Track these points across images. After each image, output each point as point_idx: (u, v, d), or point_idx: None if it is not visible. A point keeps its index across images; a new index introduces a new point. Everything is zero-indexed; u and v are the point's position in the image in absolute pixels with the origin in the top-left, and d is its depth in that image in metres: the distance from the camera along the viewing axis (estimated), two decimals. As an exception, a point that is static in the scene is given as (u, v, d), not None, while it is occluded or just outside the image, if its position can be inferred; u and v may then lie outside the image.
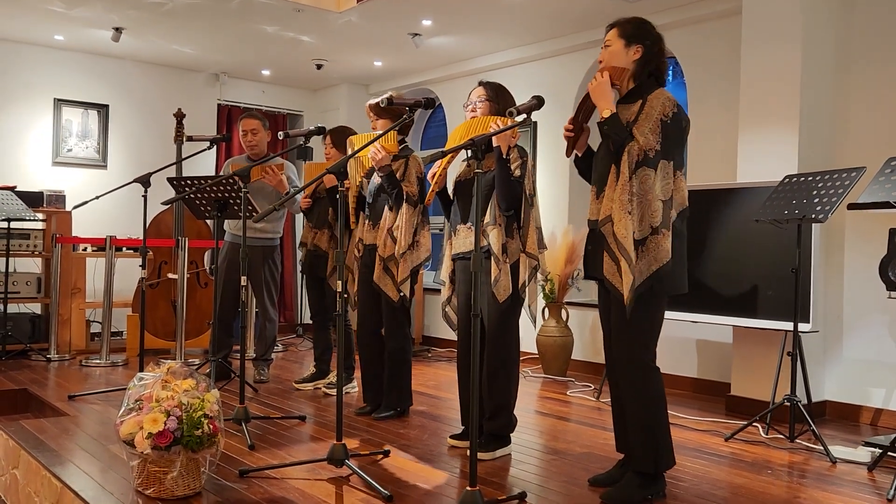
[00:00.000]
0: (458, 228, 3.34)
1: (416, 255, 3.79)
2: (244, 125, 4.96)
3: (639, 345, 2.63)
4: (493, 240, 3.15)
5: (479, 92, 3.33)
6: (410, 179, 3.83)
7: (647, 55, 2.71)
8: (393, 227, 3.79)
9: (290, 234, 7.92)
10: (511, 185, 3.13)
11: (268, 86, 7.80)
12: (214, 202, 4.17)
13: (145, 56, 6.81)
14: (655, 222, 2.58)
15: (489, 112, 3.27)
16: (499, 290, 3.15)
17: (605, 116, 2.61)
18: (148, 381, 2.69)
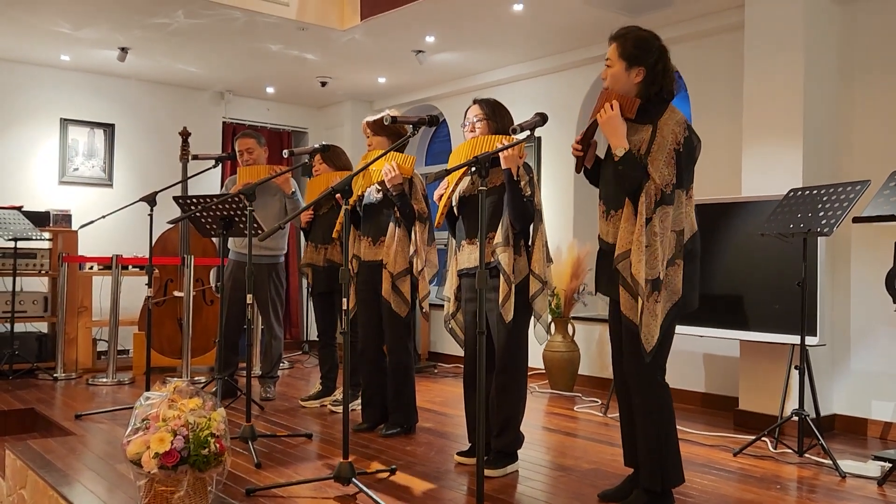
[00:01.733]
0: (463, 245, 3.35)
1: (427, 272, 3.83)
2: (239, 145, 5.00)
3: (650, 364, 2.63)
4: (505, 260, 3.16)
5: (475, 111, 3.32)
6: (418, 197, 3.86)
7: (651, 76, 2.64)
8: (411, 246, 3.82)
9: (294, 250, 7.95)
10: (524, 206, 3.15)
11: (272, 103, 7.86)
12: (220, 220, 4.19)
13: (151, 75, 6.87)
14: (670, 254, 2.59)
15: (488, 131, 3.28)
16: (506, 310, 3.15)
17: (619, 155, 2.57)
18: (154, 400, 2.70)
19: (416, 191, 3.85)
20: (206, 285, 6.03)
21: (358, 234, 4.05)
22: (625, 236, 2.60)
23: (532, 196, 3.18)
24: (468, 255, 3.32)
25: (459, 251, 3.38)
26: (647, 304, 2.53)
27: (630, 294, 2.59)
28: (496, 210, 3.21)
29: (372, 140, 3.99)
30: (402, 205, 3.76)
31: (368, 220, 4.00)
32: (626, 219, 2.60)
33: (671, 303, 2.58)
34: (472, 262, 3.29)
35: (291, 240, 7.77)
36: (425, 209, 3.82)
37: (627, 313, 2.61)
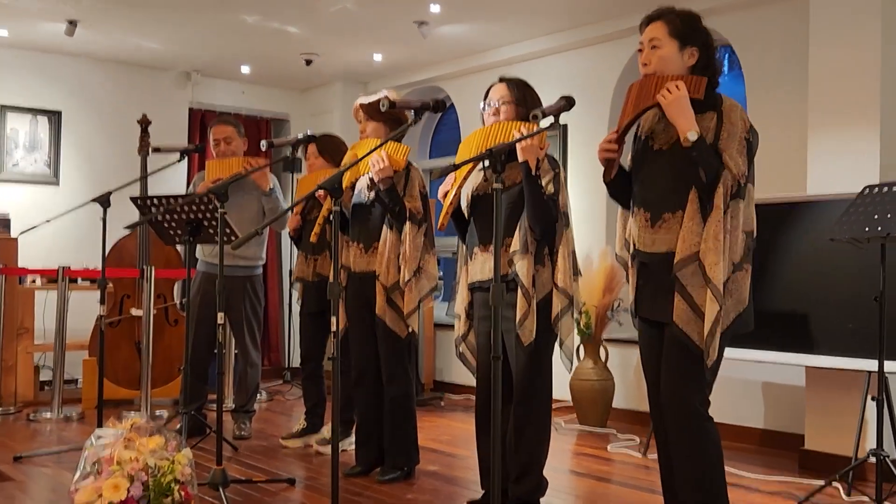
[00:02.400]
0: (476, 253, 3.36)
1: (422, 284, 3.83)
2: (215, 133, 5.04)
3: (693, 391, 2.65)
4: (522, 271, 3.17)
5: (500, 91, 3.34)
6: (413, 194, 3.87)
7: (705, 58, 2.73)
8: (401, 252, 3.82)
9: (274, 259, 7.98)
10: (545, 206, 3.16)
11: (248, 86, 7.90)
12: (186, 225, 4.21)
13: (104, 53, 6.92)
14: (737, 258, 2.64)
15: (514, 116, 3.29)
16: (524, 330, 3.16)
17: (692, 140, 2.61)
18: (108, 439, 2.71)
19: (411, 187, 3.87)
20: (170, 302, 6.05)
21: (346, 240, 4.06)
22: (689, 238, 2.64)
23: (556, 195, 3.19)
24: (481, 264, 3.33)
25: (471, 260, 3.39)
26: (723, 312, 2.59)
27: (689, 304, 2.64)
28: (514, 212, 3.21)
29: (365, 126, 4.01)
30: (389, 201, 3.80)
31: (359, 224, 4.02)
32: (690, 217, 2.65)
33: (735, 312, 2.64)
34: (486, 274, 3.29)
35: (271, 247, 7.81)
36: (420, 209, 3.84)
37: (684, 327, 2.64)
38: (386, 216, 3.89)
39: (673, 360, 2.69)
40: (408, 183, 3.88)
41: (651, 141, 2.86)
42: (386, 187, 3.78)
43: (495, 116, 3.33)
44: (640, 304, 2.83)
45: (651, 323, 2.82)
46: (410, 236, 3.79)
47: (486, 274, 3.30)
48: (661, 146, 2.80)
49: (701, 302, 2.63)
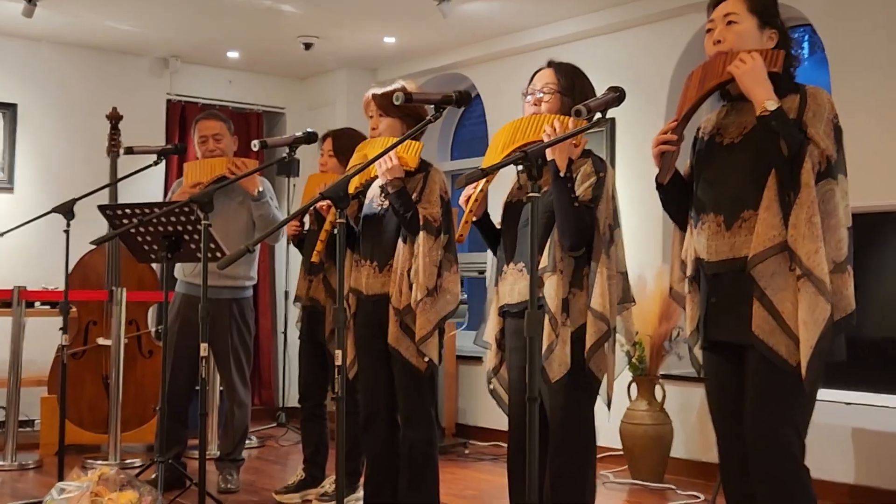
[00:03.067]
0: (506, 271, 3.37)
1: (439, 305, 3.81)
2: (202, 129, 5.08)
3: (787, 427, 2.66)
4: (550, 292, 3.17)
5: (547, 77, 3.37)
6: (431, 199, 3.88)
7: (784, 41, 2.84)
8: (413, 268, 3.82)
9: (266, 277, 8.01)
10: (574, 215, 3.15)
11: (236, 74, 7.96)
12: (163, 239, 4.25)
13: (67, 36, 6.99)
14: (839, 256, 2.69)
15: (559, 108, 3.31)
16: (552, 364, 3.15)
17: (771, 109, 2.67)
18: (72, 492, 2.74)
19: (429, 192, 3.88)
20: (143, 330, 6.09)
21: (356, 258, 4.08)
22: (765, 230, 2.69)
23: (593, 202, 3.19)
24: (511, 285, 3.33)
25: (502, 280, 3.40)
26: (826, 312, 2.61)
27: (769, 311, 2.66)
28: (551, 222, 3.23)
29: (378, 122, 4.03)
30: (400, 206, 3.80)
31: (371, 238, 4.03)
32: (766, 207, 2.71)
33: (836, 319, 2.66)
34: (516, 296, 3.31)
35: (263, 263, 7.84)
36: (438, 217, 3.84)
37: (767, 339, 2.66)
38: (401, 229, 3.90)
39: (758, 388, 2.70)
40: (425, 187, 3.90)
41: (719, 137, 2.89)
42: (396, 191, 3.80)
43: (535, 107, 3.35)
44: (710, 325, 2.84)
45: (722, 349, 2.83)
46: (425, 249, 3.80)
47: (515, 296, 3.31)
48: (732, 139, 2.85)
49: (784, 308, 2.65)
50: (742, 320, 2.72)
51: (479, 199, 3.34)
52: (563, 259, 3.20)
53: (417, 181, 3.92)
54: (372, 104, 4.06)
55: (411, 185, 3.90)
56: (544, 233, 3.23)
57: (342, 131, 4.86)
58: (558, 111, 3.30)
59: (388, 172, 3.79)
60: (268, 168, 6.85)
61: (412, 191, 3.88)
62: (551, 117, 3.24)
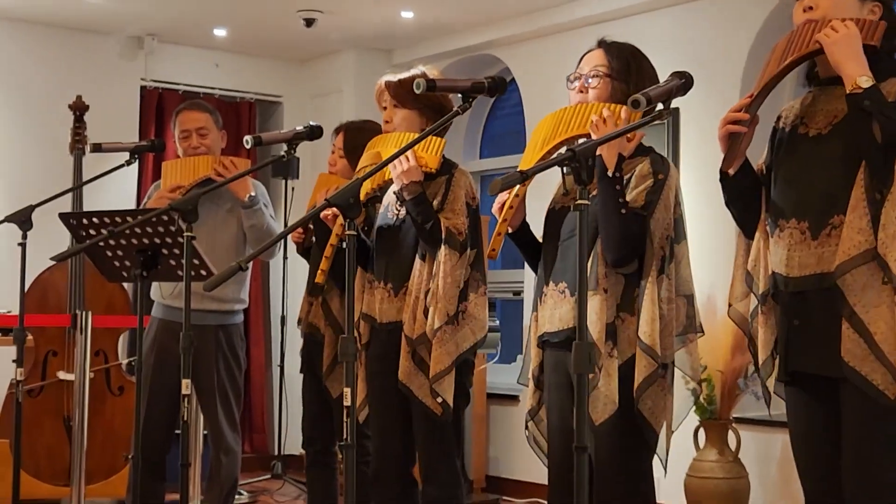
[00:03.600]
0: (546, 293, 3.35)
1: (461, 335, 3.79)
2: (184, 122, 5.07)
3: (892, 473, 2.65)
4: (591, 315, 3.13)
5: (596, 59, 3.35)
6: (455, 207, 3.86)
7: (889, 17, 2.82)
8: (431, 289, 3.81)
9: (259, 299, 8.01)
10: (620, 222, 3.13)
11: (224, 56, 7.99)
12: (137, 254, 4.24)
13: (23, 11, 7.02)
14: None
15: (609, 96, 3.30)
16: (596, 403, 3.12)
17: (864, 86, 2.65)
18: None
19: (453, 198, 3.87)
20: (113, 362, 6.09)
21: (369, 278, 4.06)
22: (852, 235, 2.68)
23: (647, 210, 3.17)
24: (551, 309, 3.32)
25: (541, 303, 3.38)
26: None
27: (860, 332, 2.64)
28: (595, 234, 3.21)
29: (393, 114, 4.02)
30: (418, 215, 3.78)
31: (386, 254, 4.02)
32: (852, 207, 2.69)
33: None
34: (559, 323, 3.28)
35: (255, 282, 7.84)
36: (463, 228, 3.82)
37: (859, 366, 2.64)
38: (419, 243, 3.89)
39: (855, 430, 2.69)
40: (449, 192, 3.88)
41: (803, 127, 2.88)
42: (412, 195, 3.78)
43: (581, 94, 3.34)
44: (792, 353, 2.83)
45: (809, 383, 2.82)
46: (447, 267, 3.77)
47: (556, 323, 3.29)
48: (819, 130, 2.84)
49: (877, 328, 2.62)
50: (833, 348, 2.70)
51: (515, 207, 3.32)
52: (607, 276, 3.18)
53: (439, 185, 3.91)
54: (385, 93, 4.05)
55: (432, 190, 3.88)
56: (592, 246, 3.21)
57: (357, 125, 4.82)
58: (608, 99, 3.28)
59: (405, 175, 3.77)
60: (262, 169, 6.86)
61: (433, 197, 3.87)
62: (600, 105, 3.22)
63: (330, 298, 4.64)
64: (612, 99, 3.27)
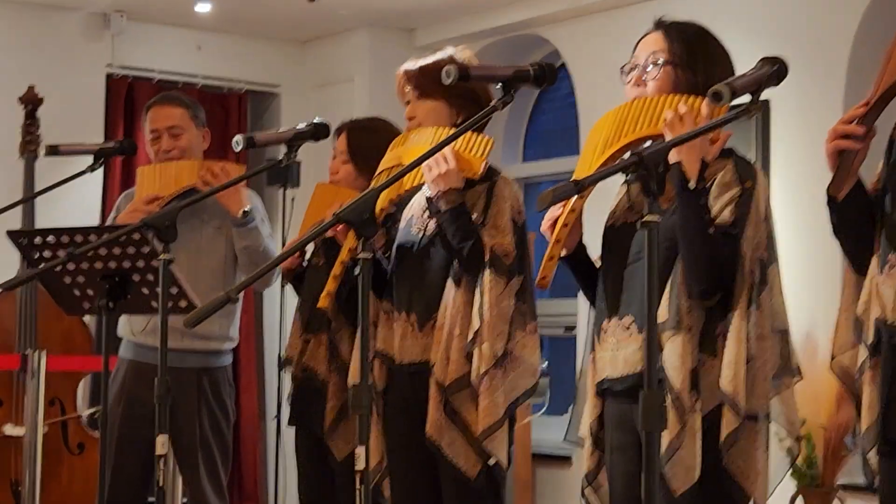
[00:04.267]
0: (606, 328, 3.36)
1: (511, 381, 3.81)
2: (153, 119, 5.10)
3: None
4: (673, 360, 3.14)
5: (653, 43, 3.36)
6: (499, 223, 3.87)
7: None
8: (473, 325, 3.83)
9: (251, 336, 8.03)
10: (709, 244, 3.13)
11: (208, 36, 8.03)
12: (102, 281, 4.26)
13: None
14: None
15: (673, 88, 3.30)
16: (676, 469, 3.12)
17: None
18: None
19: (496, 212, 3.88)
20: (71, 414, 6.11)
21: (385, 308, 4.08)
22: None
23: (737, 227, 3.17)
24: (613, 350, 3.32)
25: (600, 342, 3.38)
26: None
27: None
28: (673, 256, 3.21)
29: (416, 109, 4.05)
30: (455, 232, 3.79)
31: (409, 279, 4.04)
32: None
33: None
34: (624, 367, 3.28)
35: (247, 315, 7.85)
36: (510, 249, 3.83)
37: None
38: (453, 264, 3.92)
39: None
40: (490, 204, 3.89)
41: None
42: (450, 208, 3.80)
43: (639, 88, 3.34)
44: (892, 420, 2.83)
45: None
46: (491, 297, 3.78)
47: (619, 367, 3.28)
48: None
49: None
50: None
51: (570, 224, 3.33)
52: (691, 311, 3.17)
53: (478, 195, 3.92)
54: (407, 85, 4.08)
55: (469, 202, 3.89)
56: (664, 272, 3.21)
57: (363, 124, 4.83)
58: (672, 90, 3.28)
59: (442, 180, 3.78)
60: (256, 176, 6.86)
61: (470, 209, 3.88)
62: (675, 99, 3.23)
63: (339, 336, 4.63)
64: (677, 90, 3.27)
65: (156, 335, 3.73)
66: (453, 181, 3.78)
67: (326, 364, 4.68)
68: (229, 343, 5.14)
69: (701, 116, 3.12)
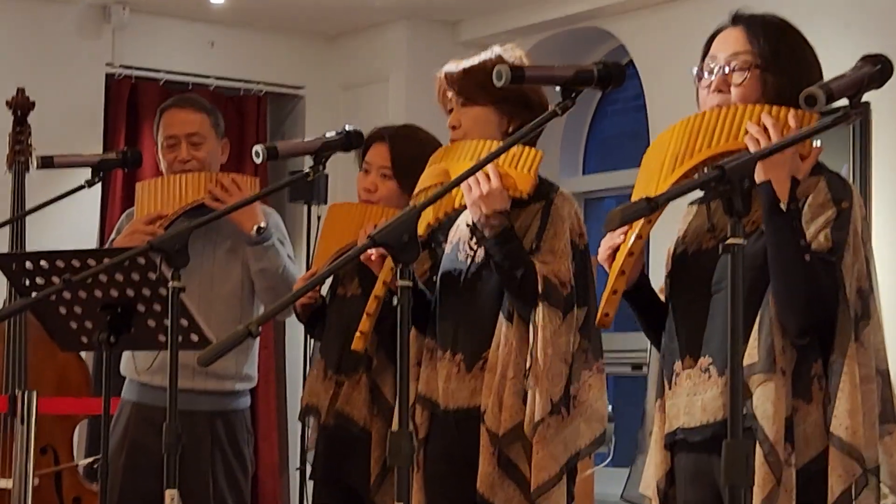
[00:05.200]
0: (678, 371, 3.35)
1: (572, 431, 3.82)
2: (170, 124, 5.11)
3: None
4: (766, 407, 3.12)
5: (735, 42, 3.34)
6: (556, 248, 3.88)
7: None
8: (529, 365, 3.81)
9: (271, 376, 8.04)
10: (808, 274, 3.11)
11: (222, 31, 8.06)
12: (102, 312, 4.27)
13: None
14: None
15: (758, 94, 3.28)
16: None
17: None
18: None
19: (553, 235, 3.89)
20: (66, 464, 6.12)
21: (428, 345, 4.08)
22: None
23: (836, 250, 3.15)
24: (689, 395, 3.31)
25: (671, 386, 3.37)
26: None
27: None
28: (758, 286, 3.19)
29: (460, 117, 4.05)
30: (504, 259, 3.80)
31: (454, 313, 4.05)
32: None
33: None
34: (702, 415, 3.27)
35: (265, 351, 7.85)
36: (567, 278, 3.83)
37: None
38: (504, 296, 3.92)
39: None
40: (547, 225, 3.89)
41: None
42: (495, 234, 3.80)
43: (718, 94, 3.32)
44: None
45: None
46: (547, 332, 3.78)
47: (696, 414, 3.27)
48: None
49: None
50: None
51: (635, 252, 3.31)
52: (785, 351, 3.15)
53: (532, 216, 3.93)
54: (448, 89, 4.08)
55: (522, 223, 3.90)
56: (750, 306, 3.18)
57: (407, 132, 4.84)
58: (759, 100, 3.26)
59: (485, 202, 3.77)
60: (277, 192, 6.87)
61: (523, 232, 3.88)
62: (757, 109, 3.21)
63: (381, 377, 4.62)
64: (764, 99, 3.25)
65: (164, 374, 3.74)
66: (497, 203, 3.78)
67: (367, 409, 4.66)
68: (247, 383, 5.16)
69: (789, 128, 3.10)
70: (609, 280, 3.31)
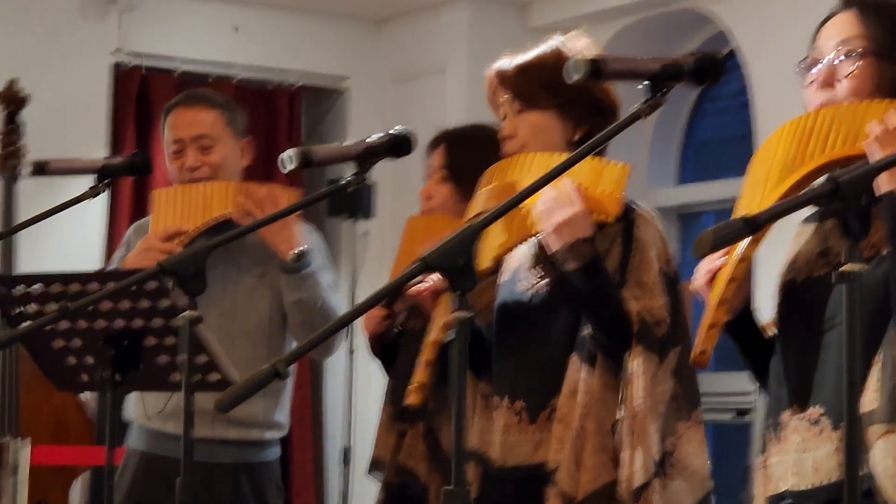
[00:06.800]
0: (785, 420, 3.36)
1: (673, 493, 3.83)
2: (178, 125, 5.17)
3: None
4: (886, 463, 3.11)
5: (845, 28, 3.36)
6: (645, 281, 3.88)
7: None
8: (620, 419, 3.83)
9: (307, 420, 8.07)
10: None
11: (249, 14, 8.11)
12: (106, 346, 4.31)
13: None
14: None
15: (877, 87, 3.29)
16: None
17: None
18: None
19: (640, 262, 3.89)
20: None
21: (483, 391, 4.11)
22: None
23: None
24: (798, 451, 3.32)
25: (777, 441, 3.39)
26: None
27: None
28: (876, 323, 3.19)
29: (516, 125, 4.06)
30: (587, 296, 3.81)
31: (515, 351, 4.07)
32: None
33: None
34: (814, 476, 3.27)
35: (300, 393, 7.90)
36: (662, 315, 3.84)
37: None
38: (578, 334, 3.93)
39: None
40: (632, 252, 3.91)
41: None
42: (578, 265, 3.81)
43: (826, 91, 3.34)
44: None
45: None
46: (641, 381, 3.79)
47: (808, 475, 3.27)
48: None
49: None
50: None
51: (738, 279, 3.33)
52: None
53: (610, 241, 3.92)
54: (502, 90, 4.09)
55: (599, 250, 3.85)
56: (869, 345, 3.18)
57: (466, 132, 4.85)
58: (873, 93, 3.27)
59: (567, 228, 3.75)
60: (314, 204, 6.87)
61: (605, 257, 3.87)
62: (881, 105, 3.20)
63: (440, 427, 4.64)
64: (880, 92, 3.26)
65: (177, 420, 3.76)
66: (581, 229, 3.73)
67: (426, 462, 4.70)
68: (276, 431, 5.18)
69: None
70: (706, 311, 3.29)
